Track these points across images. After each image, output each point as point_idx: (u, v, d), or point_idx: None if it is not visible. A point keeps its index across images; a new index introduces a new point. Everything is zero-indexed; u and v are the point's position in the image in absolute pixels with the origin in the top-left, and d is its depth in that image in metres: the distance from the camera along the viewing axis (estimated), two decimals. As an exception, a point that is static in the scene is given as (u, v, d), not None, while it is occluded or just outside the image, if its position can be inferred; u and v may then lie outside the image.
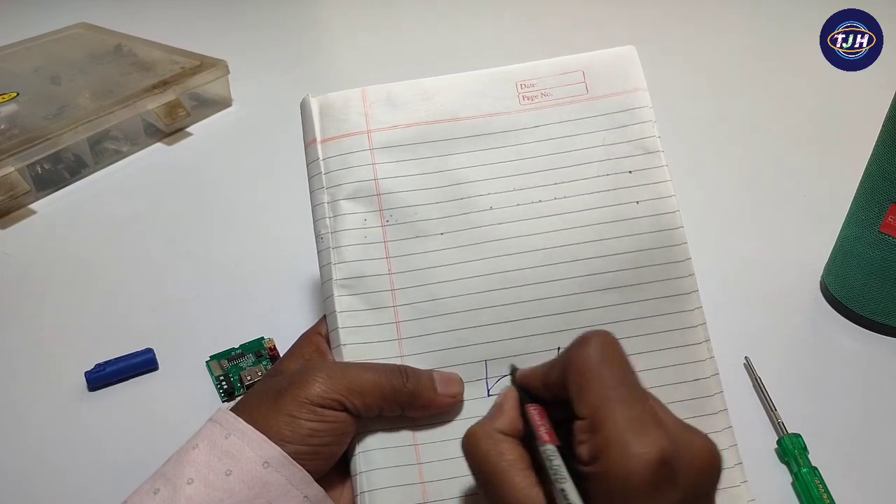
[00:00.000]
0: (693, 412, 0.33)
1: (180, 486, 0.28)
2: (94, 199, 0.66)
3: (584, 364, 0.26)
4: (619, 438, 0.23)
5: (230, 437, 0.29)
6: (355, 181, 0.36)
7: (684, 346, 0.34)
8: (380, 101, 0.37)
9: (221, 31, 1.04)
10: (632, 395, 0.25)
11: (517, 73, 0.38)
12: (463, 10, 1.09)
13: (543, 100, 0.37)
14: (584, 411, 0.25)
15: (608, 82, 0.37)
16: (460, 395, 0.33)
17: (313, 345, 0.35)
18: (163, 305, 0.52)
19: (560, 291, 0.35)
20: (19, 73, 0.78)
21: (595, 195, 0.36)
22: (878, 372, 0.45)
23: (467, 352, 0.34)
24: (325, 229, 0.36)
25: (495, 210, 0.36)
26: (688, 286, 0.34)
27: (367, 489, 0.32)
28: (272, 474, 0.29)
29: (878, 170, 0.44)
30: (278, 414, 0.30)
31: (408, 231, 0.36)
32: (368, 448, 0.32)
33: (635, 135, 0.37)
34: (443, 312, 0.35)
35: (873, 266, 0.45)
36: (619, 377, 0.25)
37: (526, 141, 0.37)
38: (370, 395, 0.31)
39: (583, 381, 0.25)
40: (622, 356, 0.26)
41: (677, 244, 0.35)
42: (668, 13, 1.05)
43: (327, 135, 0.37)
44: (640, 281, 0.34)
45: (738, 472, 0.32)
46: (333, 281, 0.35)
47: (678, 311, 0.34)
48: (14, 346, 0.49)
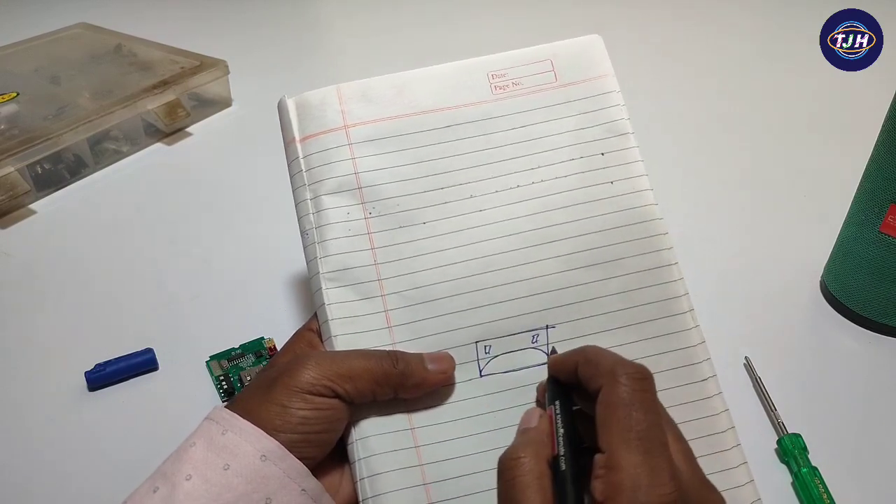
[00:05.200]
0: (681, 380, 0.34)
1: (178, 483, 0.28)
2: (94, 199, 0.66)
3: (614, 400, 0.26)
4: (632, 485, 0.23)
5: (227, 434, 0.29)
6: (336, 176, 0.37)
7: (669, 315, 0.35)
8: (355, 97, 0.38)
9: (221, 31, 1.04)
10: (654, 442, 0.25)
11: (488, 64, 0.39)
12: (463, 9, 1.09)
13: (515, 89, 0.39)
14: (605, 447, 0.25)
15: (576, 70, 0.39)
16: (451, 370, 0.34)
17: (305, 340, 0.36)
18: (163, 305, 0.52)
19: (544, 271, 0.36)
20: (19, 73, 0.78)
21: (570, 178, 0.37)
22: (878, 372, 0.45)
23: (458, 335, 0.35)
24: (309, 225, 0.37)
25: (476, 197, 0.37)
26: (667, 258, 0.36)
27: (367, 475, 0.32)
28: (270, 467, 0.29)
29: (878, 170, 0.44)
30: (269, 404, 0.30)
31: (391, 222, 0.37)
32: (365, 434, 0.33)
33: (605, 118, 0.38)
34: (431, 299, 0.35)
35: (873, 266, 0.45)
36: (645, 423, 0.25)
37: (501, 129, 0.38)
38: (361, 379, 0.31)
39: (610, 418, 0.26)
40: (651, 397, 0.26)
41: (653, 219, 0.36)
42: (668, 13, 1.05)
43: (306, 133, 0.38)
44: (621, 256, 0.36)
45: (744, 471, 0.32)
46: (321, 274, 0.36)
47: (660, 283, 0.35)
48: (14, 346, 0.49)
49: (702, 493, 0.25)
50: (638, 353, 0.34)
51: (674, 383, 0.34)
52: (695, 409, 0.33)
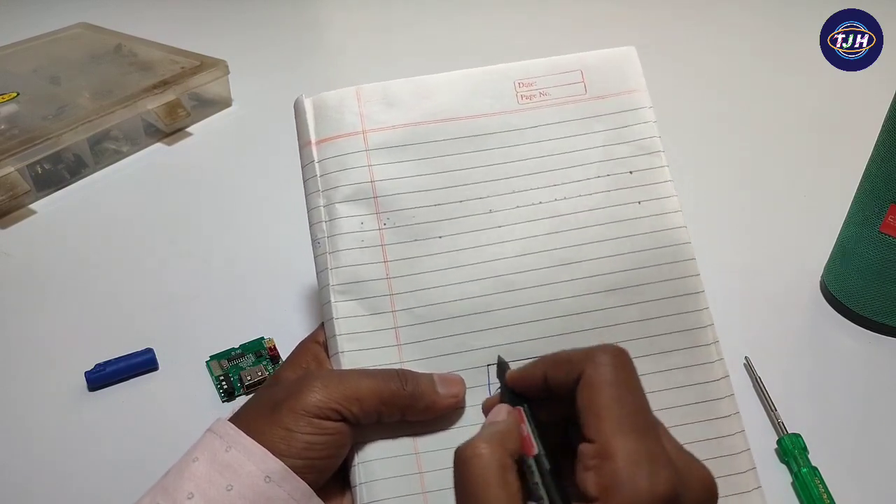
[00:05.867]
0: (702, 416, 0.32)
1: (180, 501, 0.27)
2: (94, 199, 0.66)
3: (598, 383, 0.25)
4: (630, 474, 0.22)
5: (231, 451, 0.29)
6: (352, 183, 0.36)
7: (692, 347, 0.33)
8: (375, 100, 0.37)
9: (221, 31, 1.04)
10: (646, 425, 0.24)
11: (514, 72, 0.37)
12: (463, 8, 1.09)
13: (542, 99, 0.37)
14: (595, 436, 0.24)
15: (607, 83, 0.37)
16: (462, 395, 0.33)
17: (311, 354, 0.35)
18: (163, 305, 0.52)
19: (562, 294, 0.34)
20: (19, 73, 0.78)
21: (596, 196, 0.35)
22: (877, 372, 0.44)
23: (468, 357, 0.33)
24: (321, 233, 0.35)
25: (495, 213, 0.35)
26: (693, 286, 0.34)
27: (368, 500, 0.31)
28: (274, 489, 0.28)
29: (878, 170, 0.44)
30: (274, 427, 0.29)
31: (406, 234, 0.35)
32: (368, 458, 0.32)
33: (636, 135, 0.36)
34: (443, 317, 0.34)
35: (873, 266, 0.45)
36: (634, 404, 0.24)
37: (525, 141, 0.36)
38: (368, 400, 0.30)
39: (596, 403, 0.24)
40: (635, 375, 0.25)
41: (680, 244, 0.34)
42: (668, 12, 1.05)
43: (322, 136, 0.36)
44: (644, 282, 0.34)
45: (752, 476, 0.31)
46: (330, 286, 0.34)
47: (684, 312, 0.34)
48: (14, 346, 0.49)
49: (690, 470, 0.24)
50: (657, 386, 0.32)
51: (692, 419, 0.32)
52: (713, 447, 0.31)
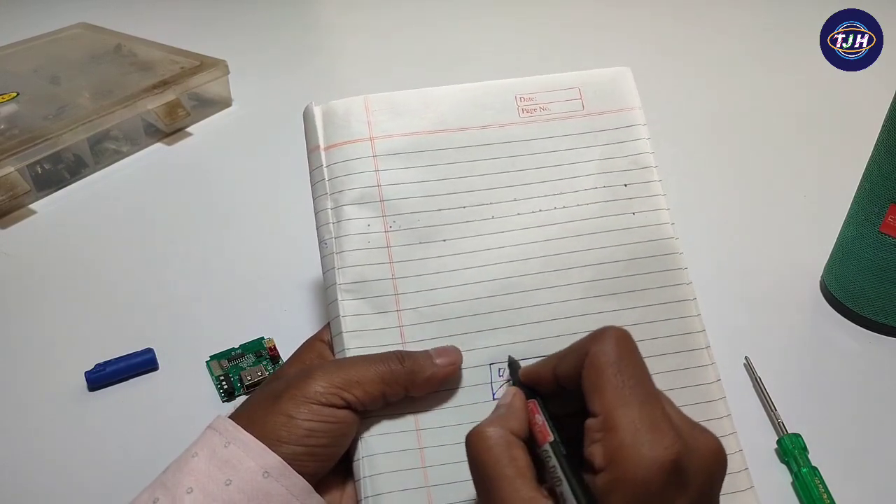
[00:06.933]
0: (697, 418, 0.32)
1: (179, 496, 0.28)
2: (94, 199, 0.66)
3: (601, 360, 0.25)
4: (634, 441, 0.23)
5: (230, 446, 0.29)
6: (359, 187, 0.37)
7: (685, 351, 0.35)
8: (382, 109, 0.38)
9: (221, 31, 1.04)
10: (647, 394, 0.25)
11: (516, 87, 0.39)
12: (463, 13, 1.09)
13: (542, 113, 0.39)
14: (599, 409, 0.24)
15: (603, 100, 0.39)
16: (459, 361, 0.34)
17: (315, 351, 0.35)
18: (163, 305, 0.52)
19: (561, 297, 0.35)
20: (19, 73, 0.78)
21: (593, 206, 0.37)
22: (878, 372, 0.45)
23: (471, 356, 0.34)
24: (328, 234, 0.36)
25: (497, 219, 0.37)
26: (684, 294, 0.36)
27: (372, 493, 0.31)
28: (272, 484, 0.28)
29: (878, 170, 0.44)
30: (275, 415, 0.30)
31: (411, 237, 0.36)
32: (372, 452, 0.32)
33: (630, 151, 0.38)
34: (447, 317, 0.35)
35: (873, 266, 0.45)
36: (636, 375, 0.25)
37: (526, 152, 0.38)
38: (369, 382, 0.31)
39: (599, 379, 0.25)
40: (637, 352, 0.26)
41: (671, 253, 0.36)
42: (667, 13, 1.05)
43: (330, 142, 0.38)
44: (638, 288, 0.36)
45: (745, 477, 0.32)
46: (337, 285, 0.35)
47: (677, 318, 0.35)
48: (14, 346, 0.49)
49: (694, 436, 0.25)
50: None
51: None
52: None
